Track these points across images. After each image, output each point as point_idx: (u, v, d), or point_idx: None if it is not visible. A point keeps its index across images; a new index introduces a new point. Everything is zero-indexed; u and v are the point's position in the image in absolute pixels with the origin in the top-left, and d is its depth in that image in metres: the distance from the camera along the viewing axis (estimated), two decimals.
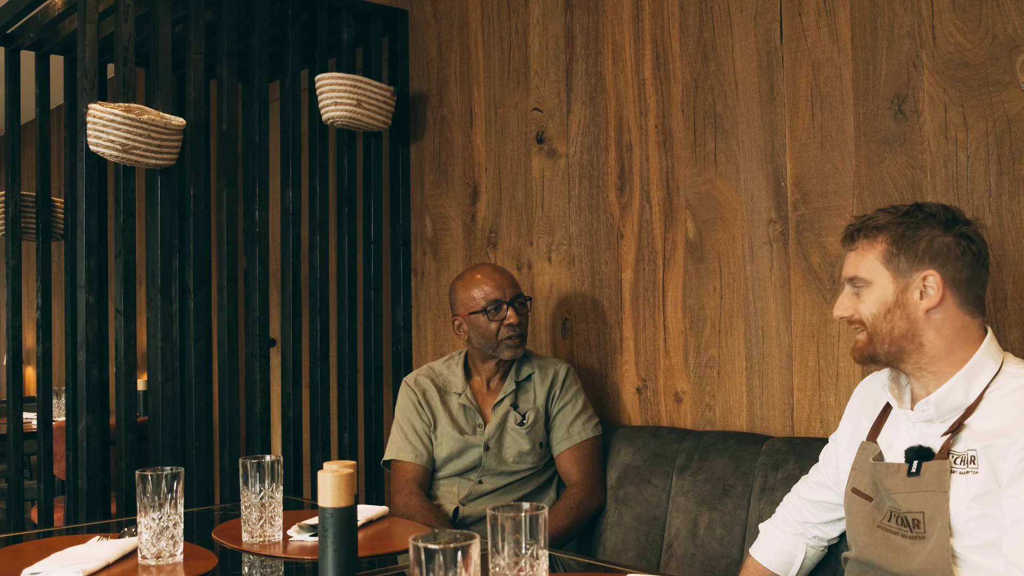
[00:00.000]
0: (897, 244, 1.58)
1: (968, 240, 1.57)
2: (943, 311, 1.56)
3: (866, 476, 1.64)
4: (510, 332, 2.42)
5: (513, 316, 2.42)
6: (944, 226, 1.57)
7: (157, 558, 1.64)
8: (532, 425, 2.46)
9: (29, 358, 5.77)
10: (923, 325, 1.57)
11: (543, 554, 1.28)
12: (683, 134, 2.48)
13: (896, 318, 1.58)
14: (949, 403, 1.55)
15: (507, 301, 2.43)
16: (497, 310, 2.42)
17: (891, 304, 1.58)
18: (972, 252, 1.56)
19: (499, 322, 2.42)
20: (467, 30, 3.13)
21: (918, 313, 1.57)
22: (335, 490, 1.45)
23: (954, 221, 1.58)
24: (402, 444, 2.45)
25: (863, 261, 1.61)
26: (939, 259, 1.56)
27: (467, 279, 2.49)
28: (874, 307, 1.60)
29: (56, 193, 4.95)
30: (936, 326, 1.57)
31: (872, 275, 1.60)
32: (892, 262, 1.58)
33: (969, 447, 1.50)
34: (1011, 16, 1.89)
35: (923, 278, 1.56)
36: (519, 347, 2.45)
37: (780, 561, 1.87)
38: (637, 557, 2.29)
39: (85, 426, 2.58)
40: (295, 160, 3.03)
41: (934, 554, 1.50)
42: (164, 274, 2.71)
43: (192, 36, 2.81)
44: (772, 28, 2.28)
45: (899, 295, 1.58)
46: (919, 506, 1.52)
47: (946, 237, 1.56)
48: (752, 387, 2.32)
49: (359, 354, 3.18)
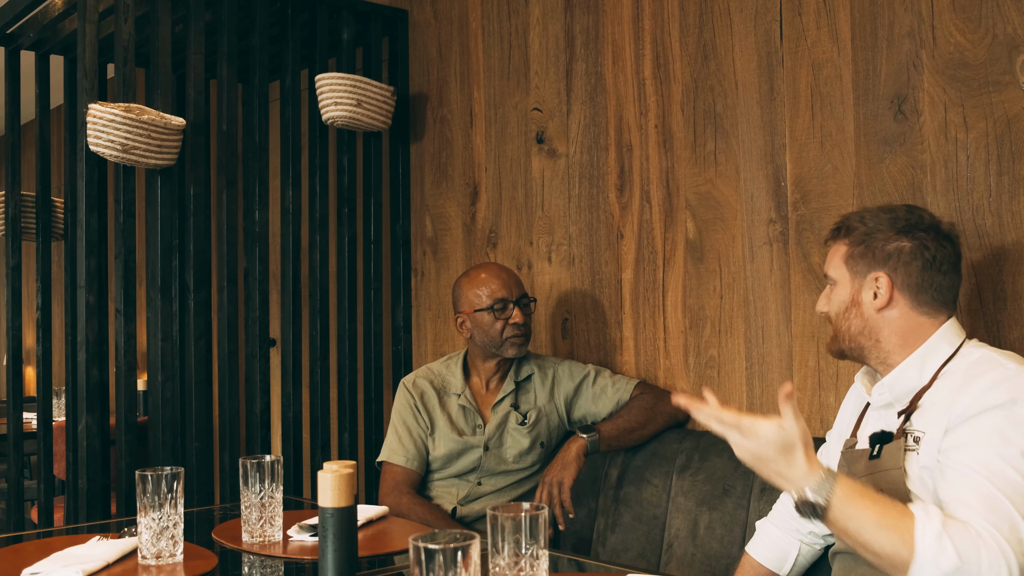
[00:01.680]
0: (856, 246, 1.66)
1: (923, 246, 1.61)
2: (895, 311, 1.63)
3: (843, 468, 1.68)
4: (515, 331, 2.42)
5: (518, 315, 2.43)
6: (902, 231, 1.62)
7: (157, 558, 1.64)
8: (534, 424, 2.46)
9: (29, 358, 5.77)
10: (877, 323, 1.64)
11: (543, 554, 1.28)
12: (683, 134, 2.48)
13: (852, 316, 1.66)
14: (903, 385, 1.61)
15: (513, 300, 2.44)
16: (503, 309, 2.43)
17: (848, 303, 1.67)
18: (924, 258, 1.61)
19: (504, 320, 2.42)
20: (467, 30, 3.13)
21: (871, 312, 1.64)
22: (335, 490, 1.45)
23: (914, 226, 1.62)
24: (395, 447, 2.45)
25: (832, 261, 1.70)
26: (890, 262, 1.62)
27: (473, 277, 2.49)
28: (836, 305, 1.69)
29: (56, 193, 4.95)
30: (889, 324, 1.63)
31: (837, 275, 1.69)
32: (851, 263, 1.67)
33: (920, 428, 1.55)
34: (1011, 16, 1.89)
35: (875, 279, 1.63)
36: (523, 346, 2.45)
37: (774, 558, 1.88)
38: (637, 557, 2.29)
39: (85, 426, 2.58)
40: (295, 160, 3.03)
41: None
42: (164, 274, 2.71)
43: (192, 36, 2.81)
44: (772, 28, 2.28)
45: (855, 294, 1.66)
46: (879, 485, 1.56)
47: (901, 242, 1.62)
48: (752, 387, 2.33)
49: (359, 354, 3.18)
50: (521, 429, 2.45)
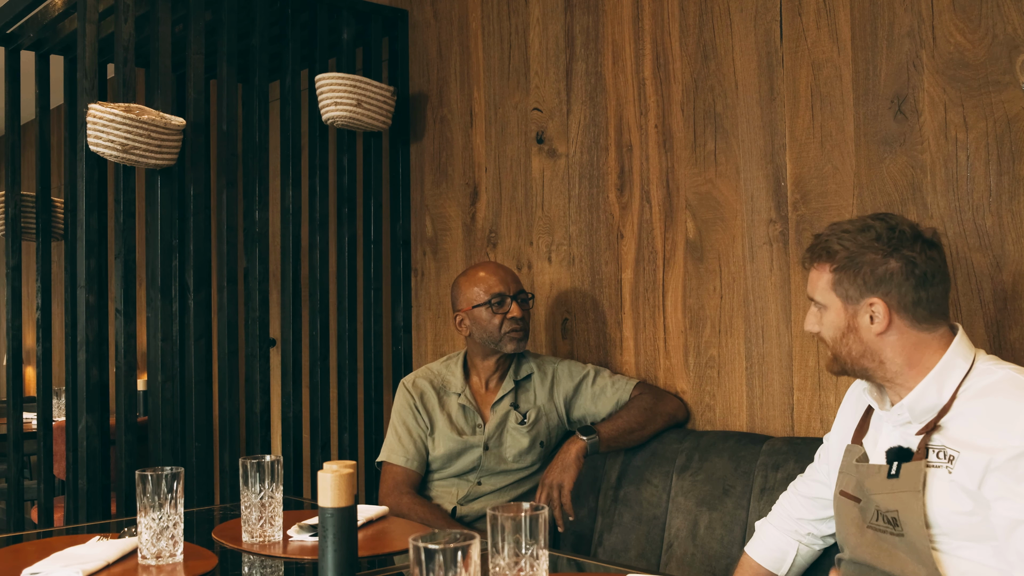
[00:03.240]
0: (843, 271, 1.61)
1: (911, 264, 1.57)
2: (895, 333, 1.59)
3: (852, 478, 1.67)
4: (513, 325, 2.43)
5: (516, 309, 2.44)
6: (886, 251, 1.58)
7: (157, 558, 1.64)
8: (533, 423, 2.46)
9: (29, 358, 5.77)
10: (878, 346, 1.60)
11: (543, 554, 1.28)
12: (683, 134, 2.48)
13: (851, 341, 1.62)
14: (923, 405, 1.58)
15: (511, 295, 2.45)
16: (501, 304, 2.43)
17: (844, 329, 1.63)
18: (916, 275, 1.57)
19: (503, 315, 2.43)
20: (467, 30, 3.13)
21: (871, 336, 1.60)
22: (335, 490, 1.45)
23: (899, 243, 1.58)
24: (394, 447, 2.46)
25: (817, 285, 1.66)
26: (883, 286, 1.58)
27: (471, 275, 2.50)
28: (831, 331, 1.65)
29: (56, 193, 4.95)
30: (891, 345, 1.60)
31: (826, 300, 1.64)
32: (839, 290, 1.62)
33: (943, 445, 1.53)
34: (1011, 16, 1.89)
35: (870, 304, 1.59)
36: (522, 340, 2.46)
37: (773, 558, 1.88)
38: (637, 557, 2.29)
39: (85, 426, 2.58)
40: (295, 160, 3.03)
41: (912, 549, 1.53)
42: (164, 274, 2.71)
43: (192, 36, 2.81)
44: (772, 28, 2.28)
45: (850, 320, 1.62)
46: (895, 504, 1.55)
47: (888, 263, 1.57)
48: (752, 387, 2.32)
49: (359, 354, 3.18)
50: (521, 428, 2.45)
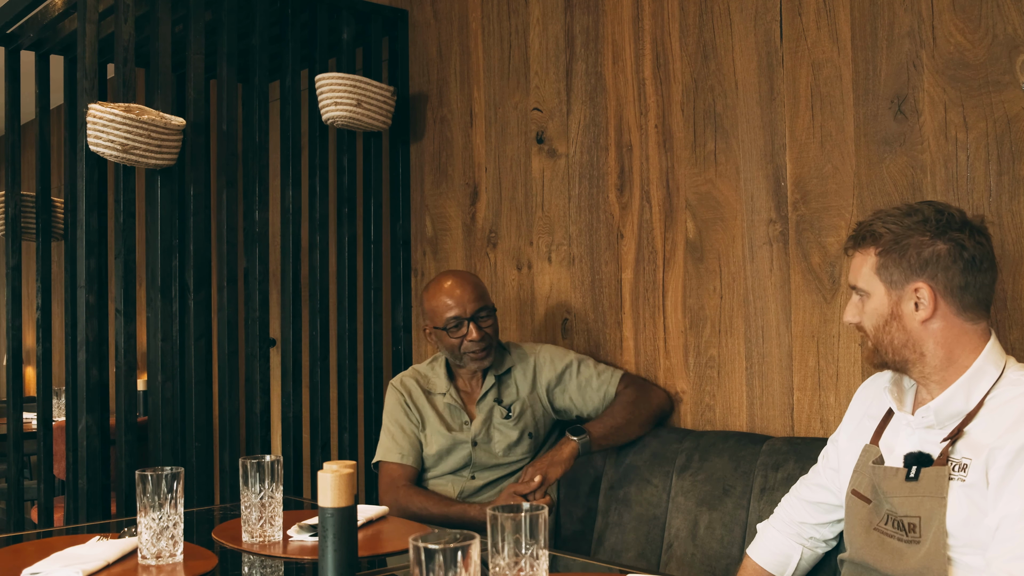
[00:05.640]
0: (888, 255, 1.57)
1: (960, 247, 1.53)
2: (940, 320, 1.55)
3: (866, 479, 1.64)
4: (473, 347, 2.42)
5: (474, 332, 2.40)
6: (934, 233, 1.54)
7: (157, 558, 1.64)
8: (519, 416, 2.47)
9: (29, 358, 5.77)
10: (921, 335, 1.56)
11: (543, 554, 1.28)
12: (683, 134, 2.48)
13: (894, 330, 1.58)
14: (949, 410, 1.54)
15: (467, 318, 2.40)
16: (458, 327, 2.41)
17: (888, 316, 1.58)
18: (964, 259, 1.53)
19: (460, 339, 2.42)
20: (467, 30, 3.13)
21: (915, 324, 1.56)
22: (335, 490, 1.45)
23: (947, 226, 1.54)
24: (389, 445, 2.46)
25: (861, 271, 1.61)
26: (929, 269, 1.54)
27: (431, 293, 2.47)
28: (873, 319, 1.60)
29: (56, 193, 4.95)
30: (934, 336, 1.56)
31: (869, 286, 1.60)
32: (884, 274, 1.58)
33: (966, 455, 1.50)
34: (1011, 16, 1.89)
35: (915, 290, 1.55)
36: (485, 359, 2.44)
37: (776, 561, 1.87)
38: (637, 557, 2.29)
39: (85, 426, 2.58)
40: (295, 160, 3.03)
41: (929, 557, 1.50)
42: (164, 274, 2.71)
43: (192, 36, 2.81)
44: (772, 28, 2.28)
45: (894, 307, 1.58)
46: (916, 511, 1.52)
47: (936, 245, 1.54)
48: (752, 387, 2.32)
49: (359, 354, 3.18)
50: (507, 423, 2.45)
